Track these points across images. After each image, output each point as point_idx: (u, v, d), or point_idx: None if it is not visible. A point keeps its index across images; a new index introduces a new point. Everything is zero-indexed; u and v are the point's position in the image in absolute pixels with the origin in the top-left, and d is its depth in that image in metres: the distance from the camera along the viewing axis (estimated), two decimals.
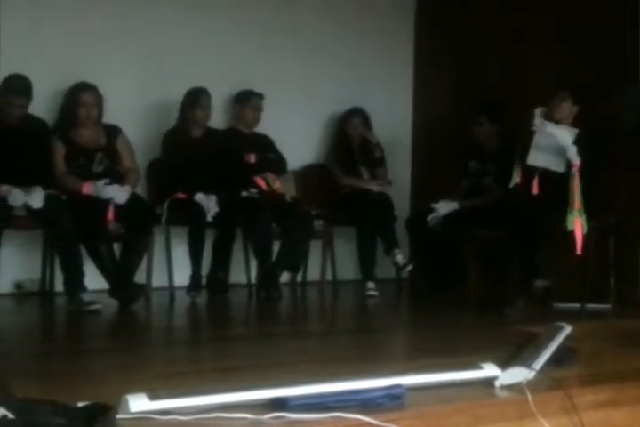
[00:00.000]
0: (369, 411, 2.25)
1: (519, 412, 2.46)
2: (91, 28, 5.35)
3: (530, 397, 2.45)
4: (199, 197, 5.05)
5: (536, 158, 4.58)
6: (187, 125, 5.34)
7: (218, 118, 5.63)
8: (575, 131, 4.59)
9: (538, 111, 4.68)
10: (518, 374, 2.63)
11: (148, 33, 5.54)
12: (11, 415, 1.96)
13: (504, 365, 2.71)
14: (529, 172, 4.64)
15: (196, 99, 5.28)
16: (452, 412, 2.41)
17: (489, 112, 5.50)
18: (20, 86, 4.71)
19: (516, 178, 4.66)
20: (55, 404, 2.10)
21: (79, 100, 4.95)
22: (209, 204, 5.02)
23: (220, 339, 3.94)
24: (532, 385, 2.55)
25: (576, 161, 4.52)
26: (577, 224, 4.44)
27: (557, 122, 4.68)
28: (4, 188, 4.46)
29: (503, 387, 2.60)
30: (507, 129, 5.45)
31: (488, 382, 2.61)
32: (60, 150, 4.91)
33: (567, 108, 4.73)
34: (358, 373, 2.65)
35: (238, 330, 4.44)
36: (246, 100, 5.61)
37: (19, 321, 4.51)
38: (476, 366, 2.66)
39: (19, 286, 5.10)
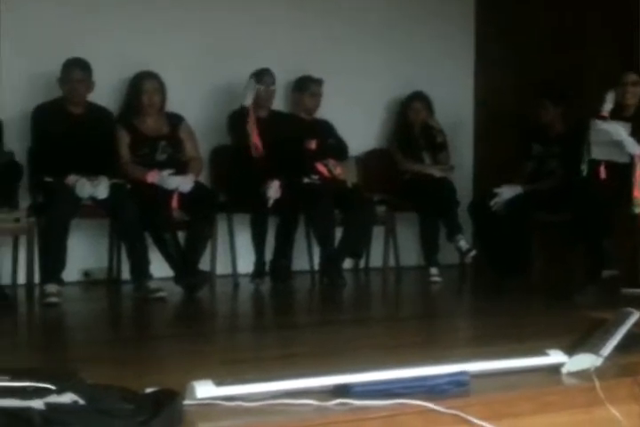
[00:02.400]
0: (433, 398, 2.24)
1: (587, 399, 2.43)
2: (150, 16, 5.39)
3: (597, 384, 2.42)
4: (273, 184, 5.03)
5: (598, 153, 4.55)
6: (254, 105, 5.21)
7: (278, 105, 5.63)
8: (628, 125, 4.54)
9: (609, 96, 4.63)
10: (586, 361, 2.59)
11: (207, 20, 5.56)
12: (81, 401, 1.99)
13: (571, 351, 2.68)
14: (594, 160, 4.59)
15: (260, 78, 5.24)
16: (518, 399, 2.38)
17: (553, 95, 5.43)
18: (77, 62, 4.79)
19: (584, 168, 4.63)
20: (124, 390, 2.13)
21: (142, 88, 5.00)
22: (270, 190, 5.00)
23: (284, 326, 3.97)
24: (599, 372, 2.51)
25: (637, 151, 4.47)
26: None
27: (627, 108, 4.65)
28: (72, 178, 4.52)
29: (570, 374, 2.57)
30: (571, 111, 5.38)
31: (554, 369, 2.58)
32: (124, 139, 4.97)
33: (638, 92, 4.66)
34: (423, 359, 2.64)
35: (302, 317, 4.46)
36: (305, 87, 5.60)
37: (87, 309, 4.59)
38: (543, 353, 2.63)
39: (87, 274, 5.19)
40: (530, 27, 6.06)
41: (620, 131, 4.53)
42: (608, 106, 4.67)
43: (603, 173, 4.57)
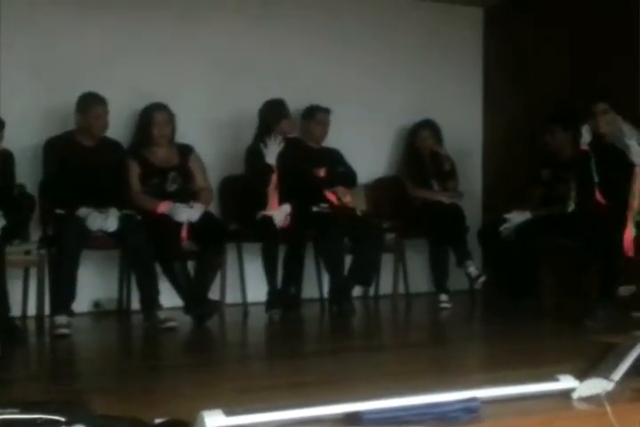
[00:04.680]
0: (444, 425, 2.23)
1: (598, 424, 2.42)
2: (161, 47, 5.46)
3: (609, 408, 2.40)
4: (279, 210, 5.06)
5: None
6: (270, 137, 5.20)
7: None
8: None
9: (584, 129, 4.67)
10: (596, 386, 2.58)
11: (217, 51, 5.63)
12: None
13: (582, 376, 2.67)
14: (588, 185, 4.63)
15: (280, 110, 5.29)
16: (529, 425, 2.38)
17: (562, 121, 5.45)
18: (96, 97, 4.83)
19: (572, 203, 4.70)
20: (134, 420, 2.14)
21: (152, 119, 5.05)
22: (280, 216, 5.04)
23: (294, 354, 3.95)
24: (611, 397, 2.50)
25: (638, 161, 4.51)
26: (629, 225, 4.42)
27: (604, 137, 4.68)
28: (83, 211, 4.55)
29: (581, 399, 2.56)
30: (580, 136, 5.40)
31: (565, 395, 2.57)
32: (134, 170, 5.01)
33: (610, 119, 4.68)
34: (433, 386, 2.63)
35: (312, 345, 4.45)
36: (312, 116, 5.63)
37: (97, 339, 4.60)
38: (553, 378, 2.62)
39: (97, 304, 5.21)
40: (539, 52, 6.09)
41: (632, 134, 4.55)
42: (586, 138, 4.70)
43: (599, 197, 4.62)
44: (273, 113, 5.30)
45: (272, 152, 5.11)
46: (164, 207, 4.84)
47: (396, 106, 6.18)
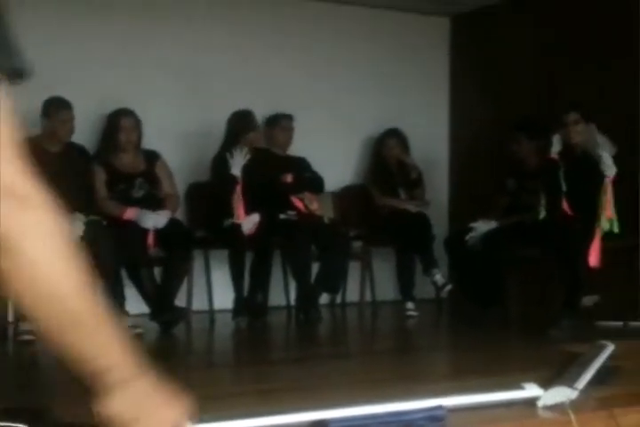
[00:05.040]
0: None
1: None
2: (128, 53, 5.45)
3: (573, 417, 2.42)
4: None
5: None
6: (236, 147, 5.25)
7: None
8: (615, 149, 4.61)
9: (555, 138, 4.70)
10: (561, 394, 2.60)
11: (185, 58, 5.63)
12: None
13: (546, 385, 2.69)
14: (555, 194, 4.68)
15: (248, 121, 5.31)
16: None
17: (527, 129, 5.49)
18: (62, 102, 4.80)
19: (542, 210, 4.73)
20: None
21: (119, 125, 5.02)
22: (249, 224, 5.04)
23: (261, 361, 3.95)
24: (575, 405, 2.52)
25: (610, 175, 4.54)
26: (597, 236, 4.46)
27: (575, 147, 4.73)
28: None
29: (546, 407, 2.57)
30: (545, 145, 5.45)
31: (530, 403, 2.59)
32: (100, 176, 4.98)
33: (582, 130, 4.73)
34: (399, 394, 2.64)
35: (279, 352, 4.45)
36: (276, 123, 5.65)
37: None
38: (518, 387, 2.64)
39: None
40: (505, 62, 6.15)
41: (607, 146, 4.58)
42: (556, 148, 4.74)
43: (567, 208, 4.67)
44: (240, 124, 5.32)
45: (237, 163, 5.10)
46: (130, 214, 4.82)
47: (363, 115, 6.20)
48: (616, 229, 4.50)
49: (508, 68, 6.12)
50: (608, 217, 4.49)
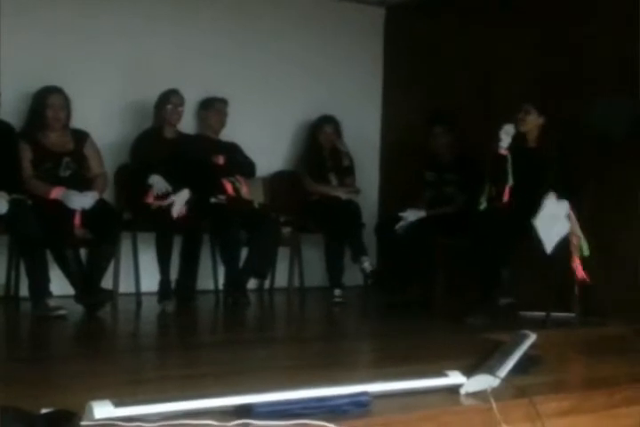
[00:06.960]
0: (335, 418, 2.25)
1: (484, 419, 2.48)
2: (60, 30, 5.33)
3: (494, 404, 2.46)
4: (155, 178, 5.03)
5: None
6: (159, 127, 5.32)
7: (188, 125, 5.63)
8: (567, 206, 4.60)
9: (506, 129, 4.74)
10: (483, 382, 2.65)
11: (118, 36, 5.53)
12: None
13: (469, 372, 2.73)
14: (499, 186, 4.72)
15: (167, 97, 5.28)
16: (418, 419, 2.41)
17: (442, 123, 5.58)
18: None
19: (484, 201, 4.73)
20: (18, 410, 2.08)
21: (46, 102, 4.92)
22: (162, 186, 5.01)
23: (187, 345, 3.93)
24: (496, 393, 2.56)
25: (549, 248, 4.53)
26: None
27: (523, 134, 4.77)
28: None
29: (468, 395, 2.62)
30: (461, 139, 5.53)
31: (453, 390, 2.63)
32: (26, 154, 4.87)
33: (532, 120, 4.79)
34: (325, 380, 2.65)
35: (205, 337, 4.43)
36: (210, 106, 5.62)
37: None
38: (442, 374, 2.67)
39: None
40: (438, 54, 6.19)
41: (559, 212, 4.58)
42: (505, 142, 4.77)
43: (507, 194, 4.69)
44: (161, 100, 5.29)
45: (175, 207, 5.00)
46: (56, 193, 4.73)
47: (296, 102, 6.19)
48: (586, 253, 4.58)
49: (440, 59, 6.16)
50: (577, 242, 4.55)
